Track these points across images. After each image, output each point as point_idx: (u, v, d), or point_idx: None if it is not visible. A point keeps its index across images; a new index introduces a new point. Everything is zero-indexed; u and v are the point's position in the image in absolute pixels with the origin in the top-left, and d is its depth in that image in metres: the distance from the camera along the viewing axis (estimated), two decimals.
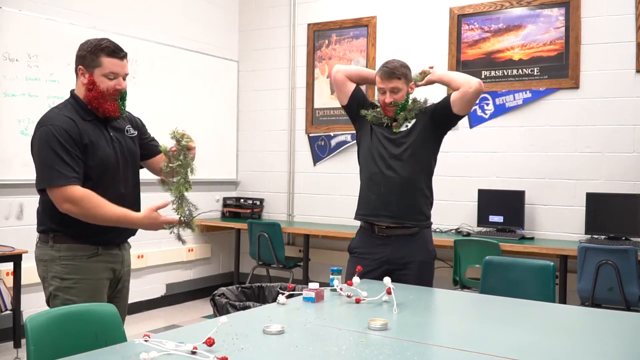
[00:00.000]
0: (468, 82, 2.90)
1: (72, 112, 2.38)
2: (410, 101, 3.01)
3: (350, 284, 2.40)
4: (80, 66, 2.39)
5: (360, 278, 2.49)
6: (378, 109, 3.05)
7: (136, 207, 2.56)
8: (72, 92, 2.46)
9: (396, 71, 2.93)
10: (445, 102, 2.97)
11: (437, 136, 3.05)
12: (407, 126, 3.00)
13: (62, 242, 2.37)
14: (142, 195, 2.61)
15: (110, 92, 2.38)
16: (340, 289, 2.46)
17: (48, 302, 2.40)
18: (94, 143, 2.38)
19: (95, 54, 2.36)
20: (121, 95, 2.43)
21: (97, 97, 2.37)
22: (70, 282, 2.35)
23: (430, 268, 3.02)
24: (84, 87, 2.39)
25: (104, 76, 2.37)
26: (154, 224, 2.37)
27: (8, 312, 4.16)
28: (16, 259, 4.06)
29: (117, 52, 2.39)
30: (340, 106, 3.23)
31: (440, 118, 2.99)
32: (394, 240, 2.95)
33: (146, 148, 2.64)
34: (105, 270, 2.43)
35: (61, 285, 2.35)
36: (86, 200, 2.28)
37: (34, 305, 4.10)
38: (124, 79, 2.43)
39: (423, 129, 2.98)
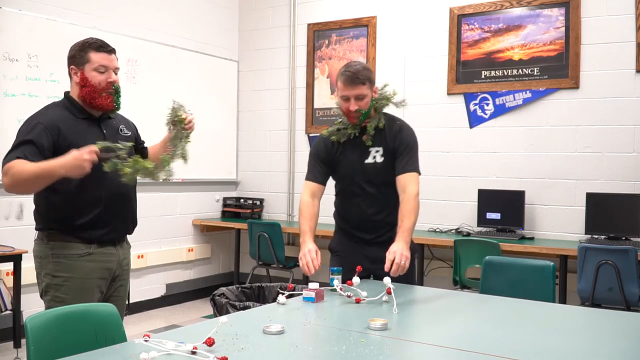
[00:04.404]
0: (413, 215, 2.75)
1: (62, 110, 2.42)
2: (373, 104, 2.87)
3: (350, 284, 2.41)
4: (72, 66, 2.45)
5: (344, 277, 2.50)
6: (339, 122, 2.94)
7: (132, 205, 2.59)
8: (65, 93, 2.51)
9: (359, 75, 2.75)
10: (395, 164, 2.83)
11: None
12: (377, 152, 2.88)
13: (55, 240, 2.40)
14: (142, 195, 2.61)
15: (103, 85, 2.42)
16: (340, 289, 2.46)
17: (41, 296, 2.46)
18: (79, 142, 2.32)
19: (84, 50, 2.43)
20: (115, 89, 2.45)
21: (90, 92, 2.41)
22: (60, 279, 2.39)
23: (411, 263, 2.98)
24: (77, 85, 2.44)
25: (95, 70, 2.41)
26: (79, 159, 2.17)
27: (8, 312, 4.17)
28: (16, 259, 4.07)
29: (104, 46, 2.45)
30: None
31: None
32: (372, 244, 2.91)
33: (139, 151, 2.65)
34: (98, 270, 2.44)
35: (52, 282, 2.39)
36: (13, 166, 2.23)
37: (34, 305, 4.09)
38: (115, 73, 2.47)
39: (389, 156, 2.87)
